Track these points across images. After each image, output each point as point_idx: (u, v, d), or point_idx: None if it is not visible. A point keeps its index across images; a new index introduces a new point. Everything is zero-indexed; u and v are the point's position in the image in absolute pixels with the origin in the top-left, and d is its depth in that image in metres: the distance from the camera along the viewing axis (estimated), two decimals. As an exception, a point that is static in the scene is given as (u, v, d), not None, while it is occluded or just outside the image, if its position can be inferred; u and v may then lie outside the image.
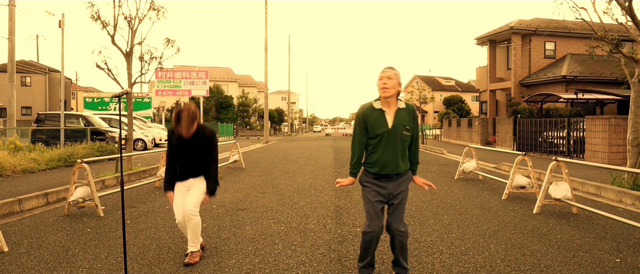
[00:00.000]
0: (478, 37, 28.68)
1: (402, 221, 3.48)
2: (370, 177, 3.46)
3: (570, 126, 15.05)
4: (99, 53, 10.29)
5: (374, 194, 3.42)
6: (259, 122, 49.72)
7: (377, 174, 3.42)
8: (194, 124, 4.11)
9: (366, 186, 3.48)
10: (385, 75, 3.37)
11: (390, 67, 3.42)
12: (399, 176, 3.46)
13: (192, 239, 4.19)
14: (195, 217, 4.18)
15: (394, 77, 3.37)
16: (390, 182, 3.43)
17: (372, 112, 3.42)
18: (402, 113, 3.42)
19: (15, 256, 4.41)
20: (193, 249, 4.20)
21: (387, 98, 3.38)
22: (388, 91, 3.35)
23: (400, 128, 3.38)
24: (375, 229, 3.39)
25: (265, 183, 9.39)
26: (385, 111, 3.39)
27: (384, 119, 3.38)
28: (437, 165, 13.27)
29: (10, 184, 8.61)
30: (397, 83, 3.38)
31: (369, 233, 3.41)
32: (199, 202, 4.25)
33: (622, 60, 9.02)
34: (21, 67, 36.67)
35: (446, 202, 7.08)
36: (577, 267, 4.04)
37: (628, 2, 8.07)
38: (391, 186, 3.43)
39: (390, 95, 3.37)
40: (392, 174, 3.41)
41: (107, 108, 32.35)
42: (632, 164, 8.11)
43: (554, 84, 23.43)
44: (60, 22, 17.88)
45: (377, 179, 3.43)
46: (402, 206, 3.47)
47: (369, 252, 3.52)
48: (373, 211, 3.41)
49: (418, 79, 60.37)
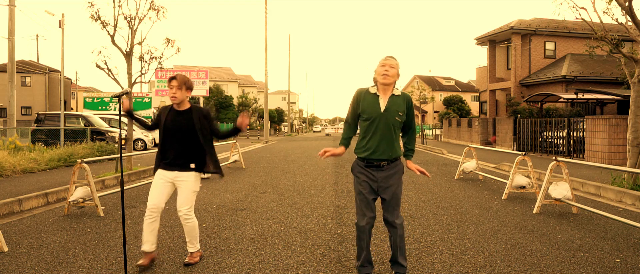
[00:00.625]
0: (478, 37, 28.68)
1: (397, 214, 3.53)
2: (361, 164, 3.53)
3: (570, 126, 15.05)
4: (99, 53, 10.29)
5: (364, 184, 3.48)
6: (259, 122, 49.74)
7: (367, 159, 3.47)
8: (187, 90, 4.00)
9: (357, 175, 3.55)
10: (388, 63, 3.44)
11: (392, 57, 3.50)
12: (389, 165, 3.49)
13: (191, 241, 4.13)
14: (191, 219, 4.07)
15: (395, 67, 3.46)
16: (381, 171, 3.47)
17: (367, 95, 3.50)
18: (396, 99, 3.49)
19: (15, 256, 4.41)
20: (193, 250, 4.17)
21: (386, 85, 3.44)
22: (389, 78, 3.42)
23: (392, 113, 3.43)
24: (367, 218, 3.46)
25: (265, 183, 9.38)
26: (379, 96, 3.47)
27: (378, 103, 3.45)
28: (437, 165, 13.27)
29: (10, 184, 8.61)
30: (396, 73, 3.47)
31: (359, 225, 3.49)
32: (192, 203, 4.07)
33: (622, 60, 9.02)
34: (21, 67, 36.68)
35: (446, 202, 7.08)
36: (577, 267, 4.04)
37: (628, 2, 8.07)
38: (381, 177, 3.47)
39: (390, 83, 3.44)
40: (381, 161, 3.45)
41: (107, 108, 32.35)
42: (632, 164, 8.11)
43: (554, 84, 23.43)
44: (60, 22, 17.89)
45: (368, 167, 3.49)
46: (395, 200, 3.51)
47: (363, 246, 3.52)
48: (363, 203, 3.48)
49: (418, 79, 60.34)
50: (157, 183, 4.04)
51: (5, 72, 16.88)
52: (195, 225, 4.12)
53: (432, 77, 64.38)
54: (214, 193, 8.05)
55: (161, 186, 4.02)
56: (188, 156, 4.02)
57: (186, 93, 4.01)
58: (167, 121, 4.02)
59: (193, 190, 4.06)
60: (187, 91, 4.02)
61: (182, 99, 4.02)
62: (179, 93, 3.97)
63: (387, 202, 3.50)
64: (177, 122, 3.99)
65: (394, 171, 3.51)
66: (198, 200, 7.33)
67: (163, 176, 4.04)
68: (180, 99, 4.00)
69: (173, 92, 3.95)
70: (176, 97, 3.97)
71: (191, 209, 4.08)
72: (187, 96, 4.04)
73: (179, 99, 3.99)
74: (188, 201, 4.03)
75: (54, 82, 40.80)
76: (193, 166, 4.03)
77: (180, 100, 4.00)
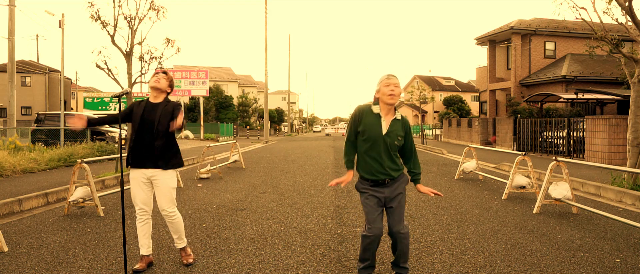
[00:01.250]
0: (478, 37, 28.68)
1: (402, 223, 3.49)
2: (366, 184, 3.49)
3: (570, 126, 15.05)
4: (99, 53, 10.32)
5: (371, 198, 3.45)
6: (259, 122, 49.73)
7: (372, 181, 3.45)
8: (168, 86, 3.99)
9: (363, 192, 3.51)
10: (393, 82, 3.40)
11: (394, 76, 3.45)
12: (394, 181, 3.47)
13: (180, 236, 4.10)
14: (176, 215, 4.03)
15: (399, 86, 3.45)
16: (387, 187, 3.46)
17: (368, 115, 3.45)
18: (397, 124, 3.46)
19: (15, 256, 4.41)
20: (182, 245, 4.13)
21: (390, 105, 3.42)
22: (395, 98, 3.39)
23: (393, 137, 3.40)
24: (375, 232, 3.39)
25: (265, 183, 9.39)
26: (382, 117, 3.43)
27: (380, 124, 3.41)
28: (437, 165, 13.26)
29: (10, 184, 8.61)
30: (400, 91, 3.45)
31: (369, 237, 3.41)
32: (174, 199, 4.01)
33: (622, 60, 9.03)
34: (21, 67, 36.67)
35: (446, 202, 7.08)
36: (577, 267, 4.04)
37: (628, 2, 8.07)
38: (388, 191, 3.45)
39: (396, 102, 3.42)
40: (387, 179, 3.43)
41: (107, 108, 32.37)
42: (632, 164, 8.11)
43: (554, 84, 23.43)
44: (60, 22, 17.89)
45: (374, 186, 3.46)
46: (400, 208, 3.48)
47: (369, 253, 3.52)
48: (372, 215, 3.42)
49: (418, 79, 60.34)
50: (136, 184, 3.96)
51: (5, 72, 16.88)
52: (180, 219, 4.08)
53: (432, 77, 64.38)
54: (214, 193, 8.05)
55: (142, 185, 3.95)
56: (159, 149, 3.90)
57: (168, 88, 4.01)
58: (142, 113, 3.94)
59: (170, 186, 3.97)
60: (169, 87, 4.02)
61: (163, 88, 3.98)
62: (163, 81, 3.96)
63: (394, 211, 3.45)
64: (147, 116, 3.92)
65: (399, 183, 3.50)
66: (198, 200, 7.34)
67: (139, 174, 3.94)
68: (161, 87, 3.97)
69: (158, 78, 3.95)
70: (159, 81, 3.95)
71: (174, 204, 4.03)
72: (167, 91, 4.02)
73: (160, 85, 3.96)
74: (169, 199, 3.97)
75: (54, 82, 40.81)
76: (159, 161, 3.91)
77: (161, 87, 3.97)
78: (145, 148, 3.89)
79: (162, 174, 3.92)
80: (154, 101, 4.00)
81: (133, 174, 3.96)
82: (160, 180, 3.92)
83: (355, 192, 7.91)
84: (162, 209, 3.99)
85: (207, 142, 26.15)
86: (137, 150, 3.91)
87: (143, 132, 3.89)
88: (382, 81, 3.43)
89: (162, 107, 3.94)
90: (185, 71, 33.48)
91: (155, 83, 3.95)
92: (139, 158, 3.92)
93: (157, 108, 3.94)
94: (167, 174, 3.95)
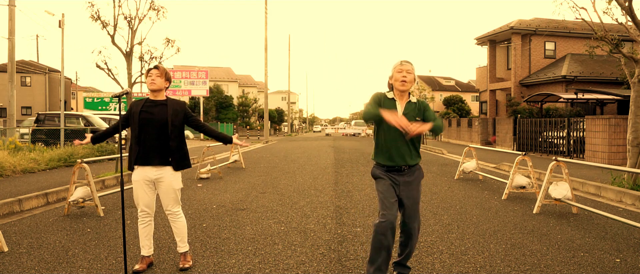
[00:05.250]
0: (478, 37, 28.68)
1: (418, 219, 3.46)
2: (381, 169, 3.45)
3: (570, 126, 15.06)
4: (99, 53, 10.32)
5: (386, 186, 3.39)
6: (259, 122, 49.75)
7: (388, 167, 3.41)
8: (166, 81, 3.95)
9: (379, 177, 3.46)
10: (405, 68, 3.37)
11: (408, 61, 3.41)
12: (409, 170, 3.44)
13: (182, 239, 4.04)
14: (180, 217, 4.01)
15: (412, 72, 3.39)
16: (402, 175, 3.42)
17: (385, 100, 3.43)
18: (411, 106, 3.43)
19: (15, 256, 4.41)
20: (184, 250, 4.05)
21: (403, 91, 3.39)
22: (407, 84, 3.36)
23: (409, 119, 3.27)
24: (389, 218, 3.26)
25: (265, 183, 9.38)
26: (396, 101, 3.41)
27: (395, 108, 3.39)
28: (437, 165, 13.26)
29: (10, 184, 8.61)
30: (413, 78, 3.40)
31: (382, 223, 3.25)
32: (179, 199, 3.98)
33: (622, 60, 9.03)
34: (21, 67, 36.66)
35: (446, 202, 7.08)
36: (577, 267, 4.04)
37: (628, 2, 8.07)
38: (402, 181, 3.41)
39: (408, 89, 3.39)
40: (403, 166, 3.40)
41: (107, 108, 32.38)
42: (632, 164, 8.11)
43: (554, 84, 23.43)
44: (60, 22, 17.85)
45: (389, 172, 3.43)
46: (415, 204, 3.46)
47: (381, 250, 3.27)
48: (387, 201, 3.32)
49: (418, 79, 60.37)
50: (139, 186, 3.91)
51: (5, 72, 16.87)
52: (185, 223, 4.07)
53: (432, 77, 64.37)
54: (214, 193, 8.05)
55: (145, 187, 3.92)
56: (164, 150, 3.87)
57: (165, 83, 3.97)
58: (142, 112, 3.88)
59: (176, 187, 3.95)
60: (166, 81, 3.98)
61: (160, 87, 3.95)
62: (158, 80, 3.92)
63: (409, 207, 3.42)
64: (151, 114, 3.88)
65: (415, 177, 3.46)
66: (198, 200, 7.34)
67: (142, 174, 3.90)
68: (159, 87, 3.93)
69: (152, 78, 3.90)
70: (155, 82, 3.91)
71: (179, 205, 4.01)
72: (165, 86, 3.98)
73: (157, 86, 3.92)
74: (174, 199, 3.96)
75: (54, 82, 40.80)
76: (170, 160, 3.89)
77: (158, 87, 3.93)
78: (151, 145, 3.86)
79: (169, 174, 3.91)
80: (155, 99, 3.99)
81: (136, 175, 3.93)
82: (167, 180, 3.90)
83: (355, 193, 7.91)
84: (167, 209, 3.98)
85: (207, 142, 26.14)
86: (140, 148, 3.88)
87: (147, 130, 3.86)
88: (396, 66, 3.40)
89: (171, 107, 3.92)
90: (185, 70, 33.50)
91: (151, 85, 3.92)
92: (144, 155, 3.87)
93: (164, 107, 3.92)
94: (175, 175, 3.94)
